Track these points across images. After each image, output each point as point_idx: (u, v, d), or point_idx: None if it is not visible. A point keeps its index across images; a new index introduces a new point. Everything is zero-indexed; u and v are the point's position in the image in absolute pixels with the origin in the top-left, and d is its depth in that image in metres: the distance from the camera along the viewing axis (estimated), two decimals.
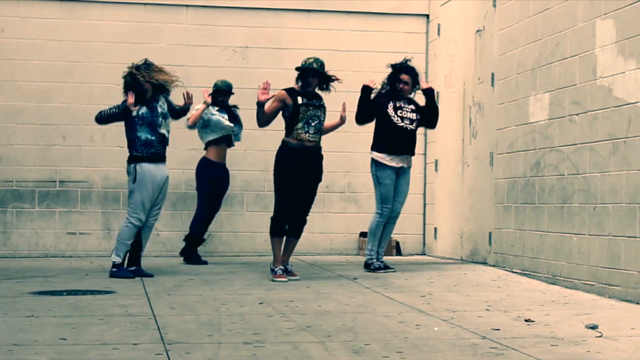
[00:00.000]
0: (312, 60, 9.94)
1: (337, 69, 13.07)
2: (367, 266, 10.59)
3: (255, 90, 12.86)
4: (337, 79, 10.04)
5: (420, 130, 12.97)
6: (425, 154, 13.48)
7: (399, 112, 10.60)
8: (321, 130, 9.98)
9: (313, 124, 9.85)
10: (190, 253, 11.64)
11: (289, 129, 9.85)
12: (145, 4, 13.11)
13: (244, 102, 12.72)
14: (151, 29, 13.12)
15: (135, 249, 10.04)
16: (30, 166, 12.77)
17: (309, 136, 9.83)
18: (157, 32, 13.13)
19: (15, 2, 12.85)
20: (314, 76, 9.90)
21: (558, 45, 9.60)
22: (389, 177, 10.58)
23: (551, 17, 9.76)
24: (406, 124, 10.57)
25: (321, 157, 10.05)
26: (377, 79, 10.91)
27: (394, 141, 10.56)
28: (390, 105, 10.60)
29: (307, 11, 13.45)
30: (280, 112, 9.96)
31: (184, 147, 12.52)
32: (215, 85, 11.81)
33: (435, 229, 13.09)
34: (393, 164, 10.57)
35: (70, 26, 12.96)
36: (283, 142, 9.90)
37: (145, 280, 9.71)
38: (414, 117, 10.63)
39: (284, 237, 9.89)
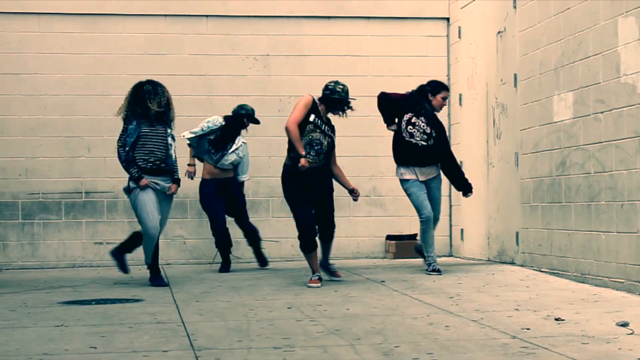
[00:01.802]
0: (346, 90, 9.85)
1: (358, 74, 13.17)
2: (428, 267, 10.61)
3: (277, 97, 13.04)
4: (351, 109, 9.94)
5: None
6: None
7: (409, 127, 10.55)
8: (323, 158, 9.77)
9: (315, 148, 9.70)
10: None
11: (292, 145, 9.67)
12: (165, 15, 13.16)
13: (266, 110, 12.78)
14: (172, 40, 13.17)
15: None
16: (56, 178, 12.84)
17: (309, 158, 9.63)
18: (178, 43, 13.17)
19: (37, 17, 12.93)
20: (341, 107, 9.82)
21: (580, 44, 9.56)
22: (413, 186, 10.56)
23: (572, 17, 9.72)
24: (417, 140, 10.52)
25: (325, 172, 9.89)
26: (398, 83, 10.89)
27: (406, 155, 10.58)
28: (406, 117, 10.58)
29: (327, 18, 13.46)
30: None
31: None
32: (246, 110, 11.73)
33: (462, 230, 13.06)
34: (413, 177, 10.57)
35: (92, 39, 13.02)
36: (287, 166, 9.80)
37: (174, 287, 9.73)
38: (428, 131, 10.56)
39: (317, 248, 9.87)
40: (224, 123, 11.49)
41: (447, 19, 13.58)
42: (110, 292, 9.60)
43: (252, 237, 11.85)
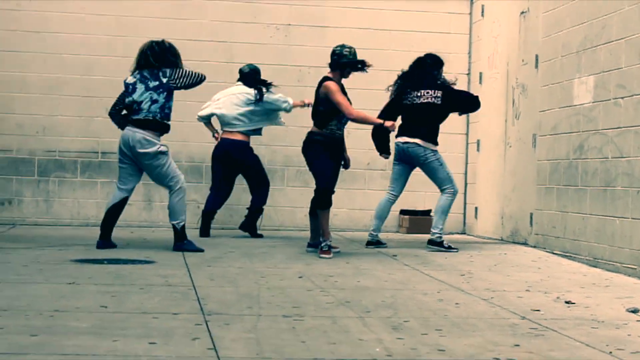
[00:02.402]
0: (353, 51, 9.93)
1: (379, 47, 13.14)
2: (438, 244, 10.50)
3: (297, 67, 13.01)
4: (368, 66, 9.99)
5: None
6: (467, 134, 13.43)
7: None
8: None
9: (343, 121, 9.93)
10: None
11: (323, 122, 9.81)
12: None
13: (286, 79, 12.76)
14: (194, 5, 13.14)
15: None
16: (73, 137, 12.88)
17: (339, 132, 9.92)
18: (199, 8, 13.15)
19: None
20: (354, 69, 9.94)
21: (604, 28, 9.51)
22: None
23: (597, 0, 9.66)
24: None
25: (343, 145, 10.18)
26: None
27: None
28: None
29: None
30: (314, 103, 9.95)
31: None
32: (254, 70, 11.79)
33: (476, 208, 13.05)
34: None
35: (114, 1, 12.99)
36: (311, 133, 9.89)
37: (186, 252, 9.74)
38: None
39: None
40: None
41: None
42: (122, 252, 9.62)
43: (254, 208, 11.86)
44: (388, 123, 9.84)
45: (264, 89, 11.57)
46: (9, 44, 12.79)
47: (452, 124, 12.86)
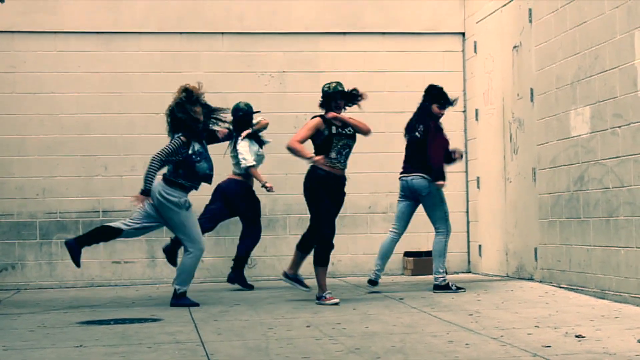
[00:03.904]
0: (335, 84, 9.95)
1: (375, 90, 13.15)
2: (443, 287, 10.43)
3: (294, 114, 13.04)
4: (361, 95, 10.00)
5: (460, 148, 12.95)
6: (466, 172, 13.42)
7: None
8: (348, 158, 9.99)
9: (344, 153, 9.85)
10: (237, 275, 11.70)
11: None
12: (181, 32, 13.20)
13: (283, 126, 12.77)
14: (188, 57, 13.20)
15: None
16: (73, 197, 12.87)
17: (340, 165, 9.83)
18: (194, 60, 13.20)
19: (53, 36, 12.98)
20: (341, 99, 9.87)
21: (597, 58, 9.53)
22: None
23: (589, 30, 9.70)
24: None
25: (343, 184, 10.01)
26: (414, 98, 10.94)
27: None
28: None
29: (343, 34, 13.47)
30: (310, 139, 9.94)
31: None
32: (241, 109, 11.74)
33: (480, 246, 13.01)
34: None
35: (108, 58, 13.06)
36: (313, 168, 9.81)
37: (192, 307, 9.70)
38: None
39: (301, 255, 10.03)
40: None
41: (463, 34, 13.58)
42: (128, 311, 9.58)
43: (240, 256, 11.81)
44: (317, 157, 9.64)
45: (240, 136, 11.58)
46: (5, 107, 12.82)
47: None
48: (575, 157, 10.00)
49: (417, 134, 10.57)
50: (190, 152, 9.73)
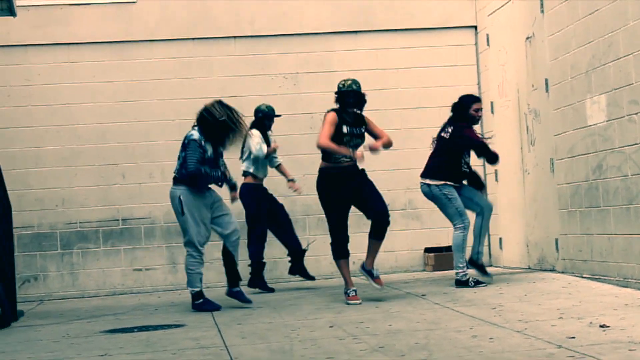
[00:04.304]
0: (350, 82, 9.88)
1: (389, 87, 13.17)
2: (464, 283, 10.37)
3: (308, 115, 13.05)
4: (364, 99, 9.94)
5: None
6: (484, 165, 13.37)
7: (465, 156, 10.69)
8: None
9: (352, 151, 9.74)
10: (256, 279, 11.68)
11: (329, 154, 9.74)
12: (193, 38, 13.22)
13: (298, 128, 12.80)
14: (201, 63, 13.22)
15: (229, 267, 10.09)
16: (93, 206, 12.92)
17: (346, 159, 9.73)
18: (207, 66, 13.22)
19: (67, 47, 13.03)
20: (354, 97, 9.80)
21: (611, 45, 9.49)
22: (455, 191, 10.55)
23: (601, 18, 9.66)
24: (465, 169, 10.68)
25: (359, 172, 9.86)
26: (428, 94, 10.87)
27: (461, 171, 10.63)
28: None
29: (355, 32, 13.46)
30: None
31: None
32: (262, 111, 11.76)
33: (500, 239, 12.98)
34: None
35: (121, 66, 13.11)
36: (322, 169, 9.76)
37: (215, 312, 9.72)
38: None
39: (348, 256, 9.84)
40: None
41: (475, 27, 13.55)
42: (151, 318, 9.60)
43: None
44: (357, 153, 9.61)
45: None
46: (21, 120, 12.89)
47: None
48: (592, 146, 9.96)
49: (443, 133, 10.53)
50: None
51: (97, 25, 13.08)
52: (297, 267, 11.83)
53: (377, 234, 9.78)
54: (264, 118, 11.71)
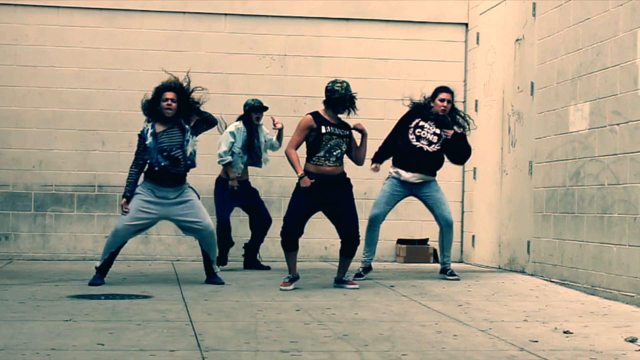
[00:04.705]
0: (345, 85, 9.61)
1: (376, 77, 13.18)
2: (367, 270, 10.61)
3: (293, 98, 13.05)
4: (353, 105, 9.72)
5: None
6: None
7: (417, 130, 10.52)
8: (342, 158, 9.71)
9: (335, 153, 9.61)
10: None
11: (310, 155, 9.64)
12: (184, 12, 13.19)
13: (282, 110, 12.78)
14: (190, 37, 13.19)
15: (206, 262, 10.10)
16: (70, 171, 12.90)
17: (328, 163, 9.59)
18: (196, 40, 13.19)
19: (56, 10, 12.97)
20: (349, 104, 9.61)
21: (599, 54, 9.53)
22: (390, 186, 10.63)
23: (592, 27, 9.69)
24: (422, 144, 10.49)
25: (343, 181, 9.71)
26: (414, 87, 10.86)
27: (408, 159, 10.52)
28: (414, 122, 10.54)
29: (346, 20, 13.46)
30: None
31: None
32: (248, 104, 11.67)
33: (474, 236, 13.04)
34: (405, 177, 10.56)
35: (110, 34, 13.06)
36: (306, 172, 9.61)
37: (183, 285, 9.75)
38: (434, 140, 10.52)
39: (297, 249, 9.74)
40: (242, 127, 11.50)
41: (466, 25, 13.57)
42: (119, 287, 9.60)
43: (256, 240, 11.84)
44: (304, 179, 9.44)
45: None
46: (5, 79, 12.84)
47: None
48: (572, 153, 10.01)
49: (438, 145, 10.56)
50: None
51: None
52: (250, 261, 11.86)
53: (347, 253, 9.81)
54: (251, 111, 11.63)
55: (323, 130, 9.57)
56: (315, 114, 9.68)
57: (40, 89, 12.90)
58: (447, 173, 13.23)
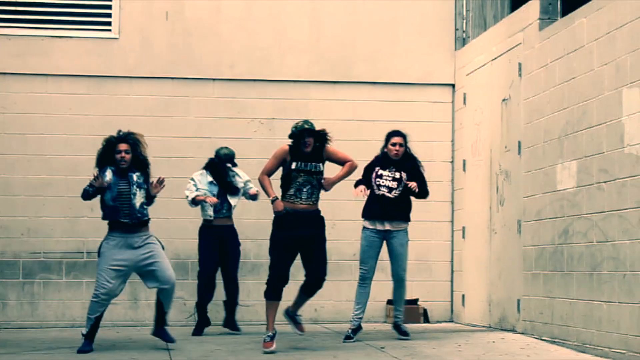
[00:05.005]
0: (301, 122, 9.86)
1: (364, 138, 13.20)
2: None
3: None
4: (327, 136, 9.87)
5: (447, 198, 12.99)
6: (452, 221, 13.43)
7: (377, 180, 10.59)
8: (316, 195, 9.72)
9: (305, 190, 9.65)
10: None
11: (283, 192, 9.73)
12: (172, 78, 13.26)
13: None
14: (179, 103, 13.24)
15: (159, 313, 9.99)
16: (58, 237, 12.86)
17: (300, 201, 9.65)
18: (184, 105, 13.25)
19: (44, 78, 13.04)
20: (308, 136, 9.73)
21: (585, 113, 9.58)
22: (365, 239, 10.63)
23: (577, 86, 9.76)
24: (383, 191, 10.55)
25: (317, 219, 9.76)
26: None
27: (372, 207, 10.59)
28: (375, 171, 10.65)
29: (333, 83, 13.55)
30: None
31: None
32: (218, 156, 11.69)
33: (463, 296, 12.99)
34: (372, 226, 10.59)
35: (99, 101, 13.12)
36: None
37: (172, 350, 9.66)
38: (394, 186, 10.55)
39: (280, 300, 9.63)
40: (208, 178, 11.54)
41: (453, 85, 13.65)
42: (108, 354, 9.52)
43: (231, 298, 11.75)
44: (277, 203, 9.55)
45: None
46: None
47: (437, 212, 12.93)
48: (560, 211, 10.02)
49: (400, 189, 10.62)
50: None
51: (78, 58, 13.10)
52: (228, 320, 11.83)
53: (308, 292, 9.83)
54: (219, 163, 11.64)
55: (293, 166, 9.64)
56: (292, 146, 9.78)
57: (28, 156, 12.91)
58: (437, 232, 13.27)
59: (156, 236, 9.94)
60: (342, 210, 12.58)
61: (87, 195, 9.96)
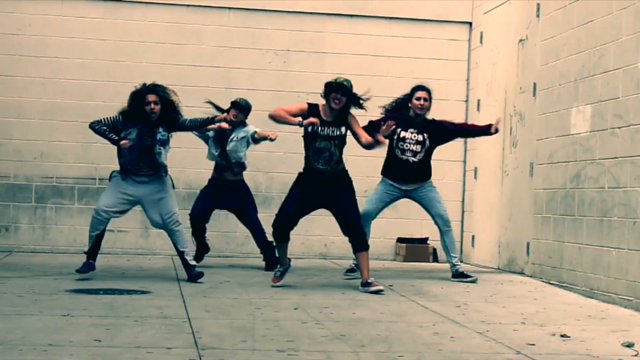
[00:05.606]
0: (341, 79, 9.32)
1: (379, 74, 13.15)
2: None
3: (296, 93, 13.02)
4: (364, 100, 9.42)
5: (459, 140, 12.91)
6: (464, 162, 13.43)
7: (400, 144, 10.38)
8: (334, 160, 9.38)
9: (323, 156, 9.35)
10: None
11: (305, 153, 9.46)
12: (187, 5, 13.18)
13: (284, 105, 12.72)
14: (193, 31, 13.18)
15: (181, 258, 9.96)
16: (71, 163, 12.90)
17: (318, 165, 9.36)
18: (198, 34, 13.18)
19: (60, 2, 12.96)
20: (343, 94, 9.27)
21: (601, 57, 9.52)
22: (382, 191, 10.54)
23: (595, 29, 9.68)
24: (408, 156, 10.40)
25: (339, 179, 9.43)
26: (417, 84, 10.73)
27: (396, 170, 10.46)
28: (397, 133, 10.32)
29: (350, 16, 13.45)
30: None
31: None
32: (233, 102, 11.51)
33: (473, 237, 13.03)
34: (400, 186, 10.51)
35: (114, 26, 13.06)
36: (299, 173, 9.52)
37: (181, 280, 9.74)
38: (418, 149, 10.39)
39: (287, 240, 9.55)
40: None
41: (470, 24, 13.55)
42: (118, 282, 9.61)
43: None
44: (311, 119, 9.14)
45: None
46: (7, 69, 12.83)
47: (450, 152, 12.89)
48: (573, 155, 10.00)
49: (423, 153, 10.52)
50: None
51: None
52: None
53: (355, 247, 9.47)
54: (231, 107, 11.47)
55: (309, 129, 9.31)
56: (313, 106, 9.45)
57: (42, 80, 12.90)
58: (448, 172, 13.27)
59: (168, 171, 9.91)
60: (354, 146, 12.55)
61: (103, 137, 9.84)
